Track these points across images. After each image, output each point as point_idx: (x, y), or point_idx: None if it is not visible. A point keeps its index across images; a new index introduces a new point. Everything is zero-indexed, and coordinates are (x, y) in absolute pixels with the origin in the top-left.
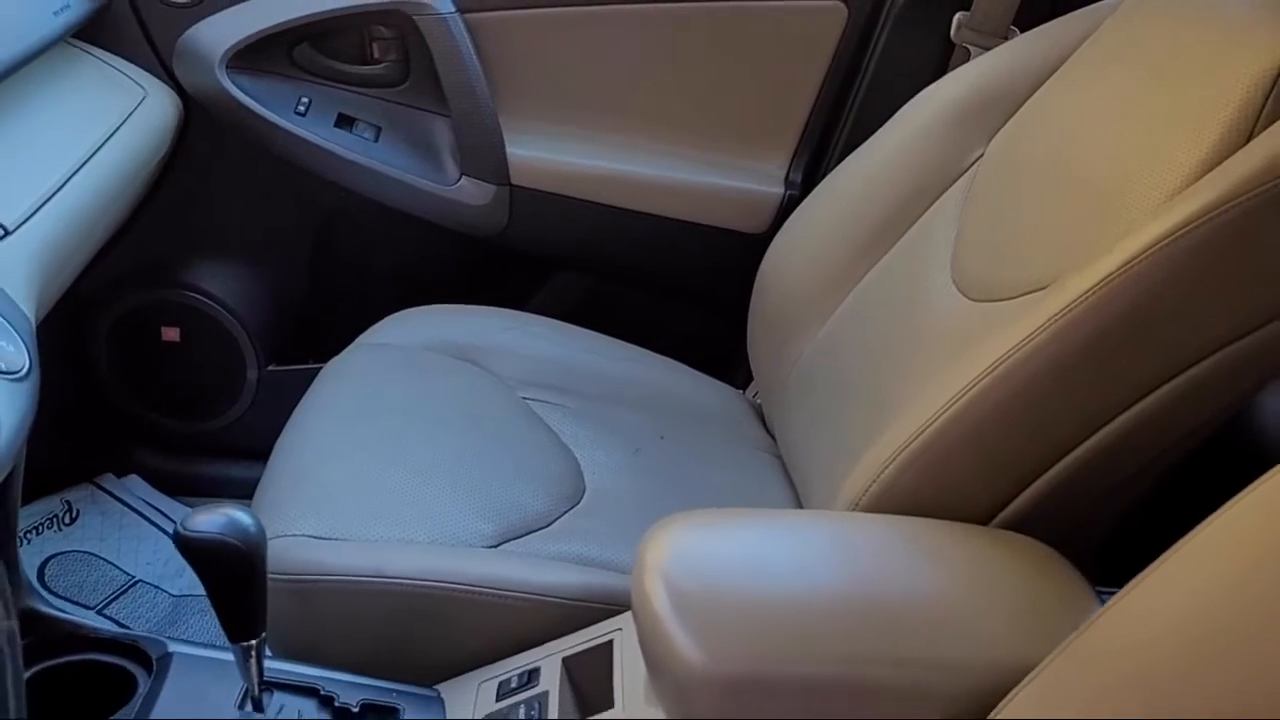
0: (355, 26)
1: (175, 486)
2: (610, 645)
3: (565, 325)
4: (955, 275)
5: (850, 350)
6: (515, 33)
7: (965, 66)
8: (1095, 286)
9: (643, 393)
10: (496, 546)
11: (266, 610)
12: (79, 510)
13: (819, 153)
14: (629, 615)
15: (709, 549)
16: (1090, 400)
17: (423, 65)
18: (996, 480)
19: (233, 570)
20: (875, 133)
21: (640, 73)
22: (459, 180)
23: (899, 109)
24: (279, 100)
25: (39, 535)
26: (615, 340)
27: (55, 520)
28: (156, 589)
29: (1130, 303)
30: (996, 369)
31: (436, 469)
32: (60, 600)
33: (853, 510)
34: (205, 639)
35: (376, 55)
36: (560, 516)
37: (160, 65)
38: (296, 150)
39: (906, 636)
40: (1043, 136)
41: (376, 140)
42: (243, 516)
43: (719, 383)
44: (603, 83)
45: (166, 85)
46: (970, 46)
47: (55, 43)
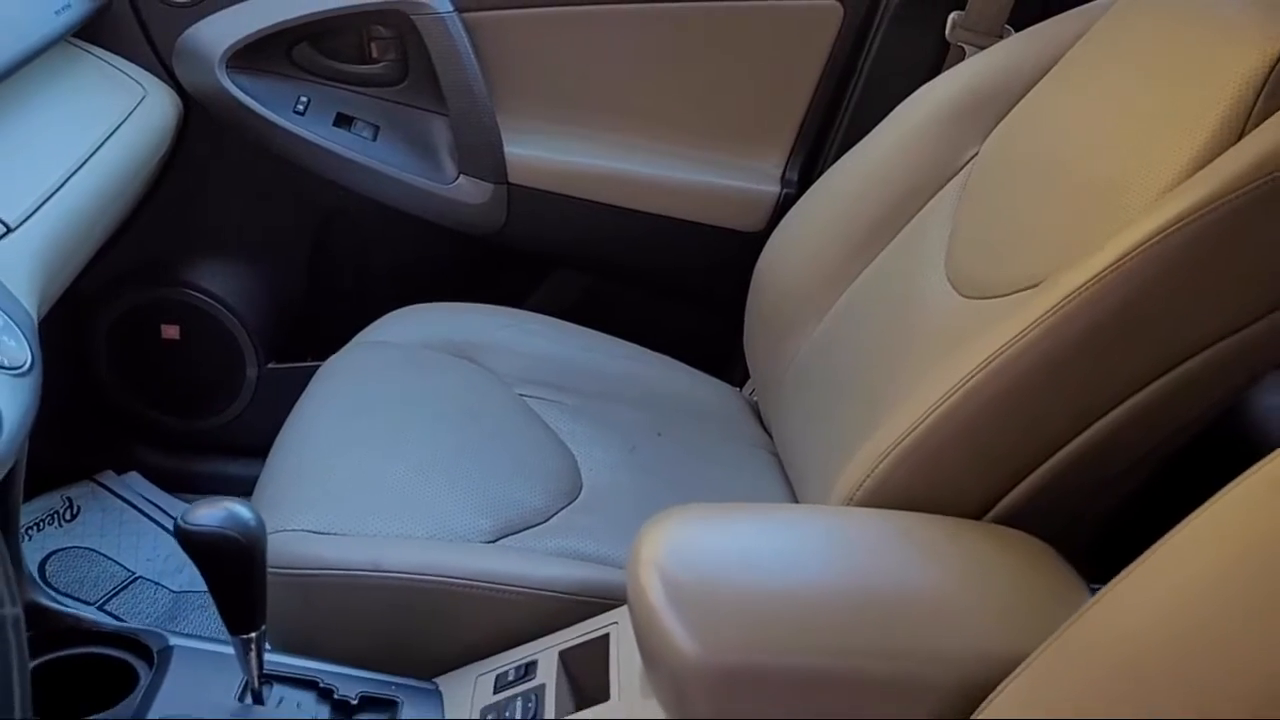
0: (354, 26)
1: (175, 483)
2: (606, 638)
3: (563, 323)
4: (950, 273)
5: (845, 347)
6: (513, 32)
7: (960, 66)
8: (1087, 283)
9: (640, 390)
10: (494, 542)
11: (266, 603)
12: (80, 507)
13: (815, 151)
14: (625, 609)
15: (704, 542)
16: (1082, 396)
17: (421, 64)
18: (989, 475)
19: (233, 563)
20: (871, 131)
21: (637, 72)
22: (457, 179)
23: (894, 108)
24: (278, 99)
25: (40, 531)
26: (612, 338)
27: (56, 517)
28: (157, 585)
29: (1122, 299)
30: (989, 365)
31: (435, 465)
32: (61, 596)
33: (847, 505)
34: (205, 635)
35: (375, 55)
36: (557, 513)
37: (160, 64)
38: (295, 149)
39: (899, 629)
40: (1036, 135)
41: (375, 139)
42: (243, 510)
43: (716, 380)
44: (600, 82)
45: (166, 84)
46: (965, 46)
47: (56, 42)
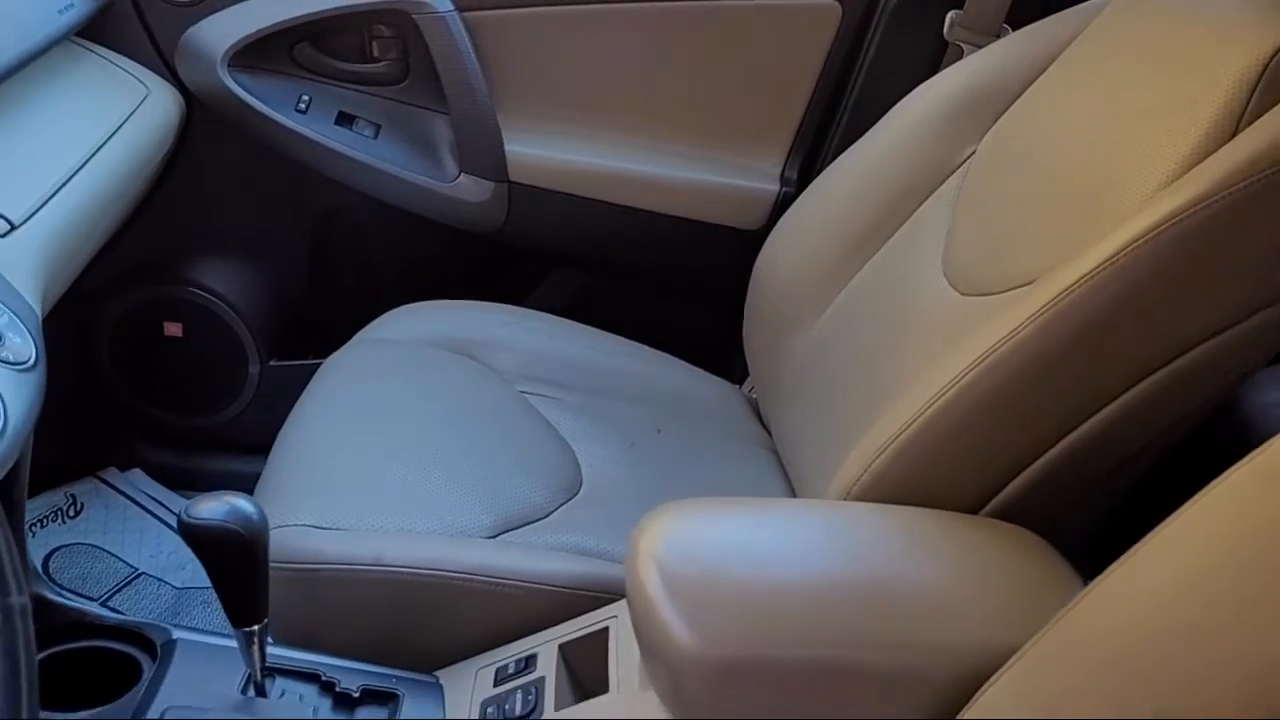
0: (355, 25)
1: (178, 480)
2: (606, 632)
3: (563, 320)
4: (947, 270)
5: (844, 344)
6: (513, 31)
7: (958, 64)
8: (1080, 280)
9: (640, 387)
10: (495, 537)
11: (268, 597)
12: (83, 504)
13: (814, 150)
14: (624, 603)
15: (702, 536)
16: (1076, 392)
17: (422, 63)
18: (985, 470)
19: (235, 557)
20: (869, 130)
21: (637, 71)
22: (458, 177)
23: (893, 107)
24: (280, 98)
25: (44, 528)
26: (612, 335)
27: (60, 513)
28: (160, 581)
29: (1115, 296)
30: (984, 361)
31: (436, 461)
32: (65, 592)
33: (844, 500)
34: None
35: (376, 54)
36: (557, 508)
37: (163, 63)
38: (297, 148)
39: (896, 621)
40: (1033, 133)
41: (376, 138)
42: (245, 504)
43: (715, 378)
44: (600, 81)
45: (169, 83)
46: (963, 45)
47: (59, 41)
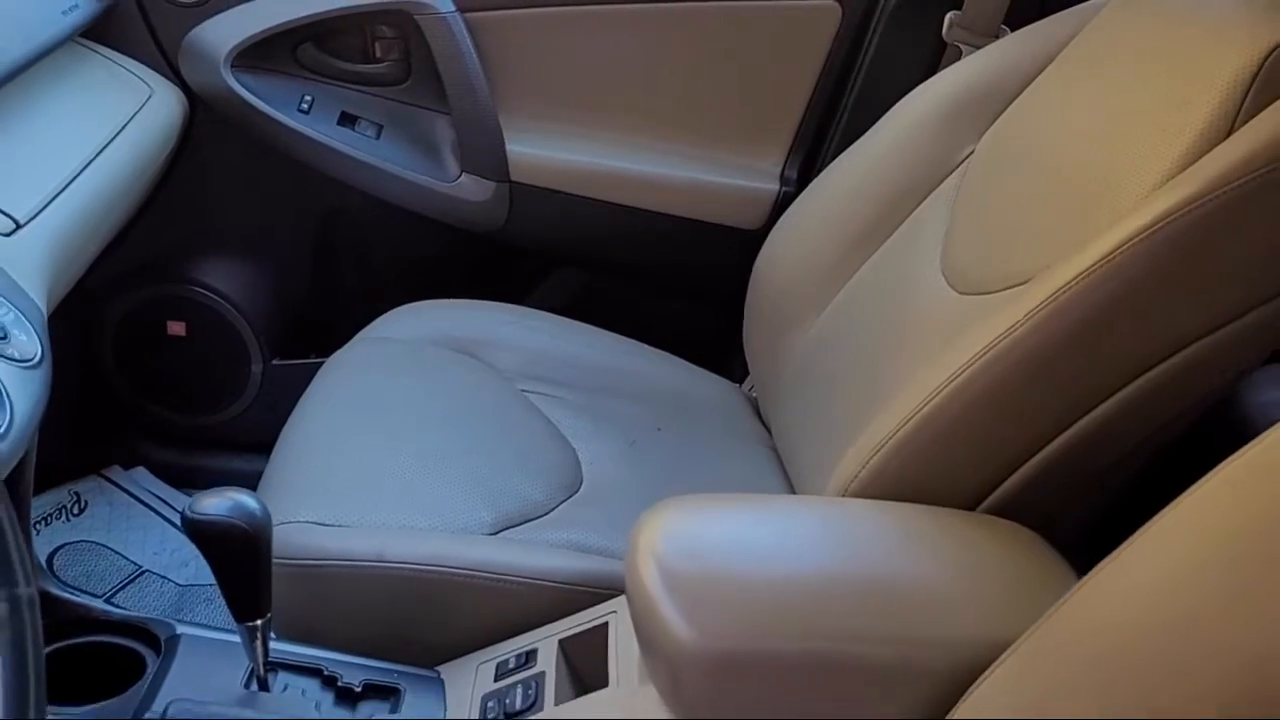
0: (357, 26)
1: (181, 478)
2: (605, 627)
3: (564, 319)
4: (945, 269)
5: (843, 343)
6: (515, 32)
7: (957, 65)
8: (1077, 278)
9: (640, 386)
10: (495, 534)
11: (271, 591)
12: (87, 501)
13: (814, 150)
14: (624, 599)
15: (701, 531)
16: (1072, 389)
17: (424, 64)
18: (982, 467)
19: (239, 552)
20: (869, 130)
21: (638, 71)
22: (459, 177)
23: (892, 107)
24: (283, 98)
25: (48, 526)
26: (613, 334)
27: (64, 511)
28: (163, 579)
29: (1110, 294)
30: (980, 359)
31: (437, 459)
32: (69, 589)
33: (842, 496)
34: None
35: (378, 54)
36: (558, 506)
37: (166, 64)
38: (300, 148)
39: (893, 615)
40: (1031, 133)
41: (378, 138)
42: (248, 500)
43: (715, 376)
44: (601, 81)
45: (172, 83)
46: (962, 45)
47: (64, 42)
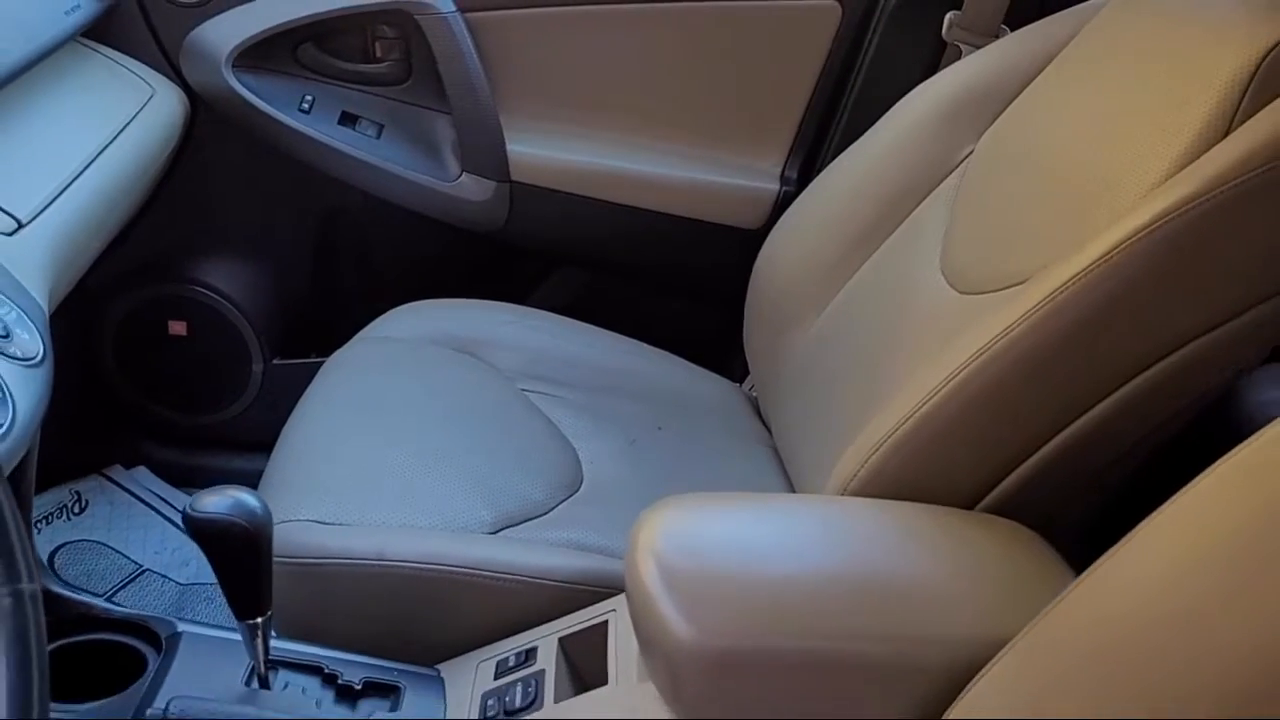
0: (358, 26)
1: (182, 478)
2: (605, 625)
3: (564, 319)
4: (945, 269)
5: (843, 342)
6: (515, 31)
7: (956, 65)
8: (1073, 278)
9: (640, 385)
10: (495, 533)
11: (272, 589)
12: (88, 501)
13: (814, 150)
14: (623, 597)
15: (700, 530)
16: (1069, 389)
17: (424, 64)
18: (980, 466)
19: (240, 550)
20: (869, 130)
21: (638, 71)
22: (460, 176)
23: (892, 106)
24: (284, 98)
25: (49, 525)
26: (613, 334)
27: (65, 510)
28: (164, 578)
29: (1108, 293)
30: (978, 358)
31: (437, 458)
32: (70, 588)
33: (841, 495)
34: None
35: (379, 54)
36: (558, 505)
37: (168, 64)
38: (301, 147)
39: (891, 613)
40: (1030, 133)
41: (379, 137)
42: (249, 498)
43: (715, 376)
44: (601, 81)
45: (174, 83)
46: (961, 45)
47: (66, 42)
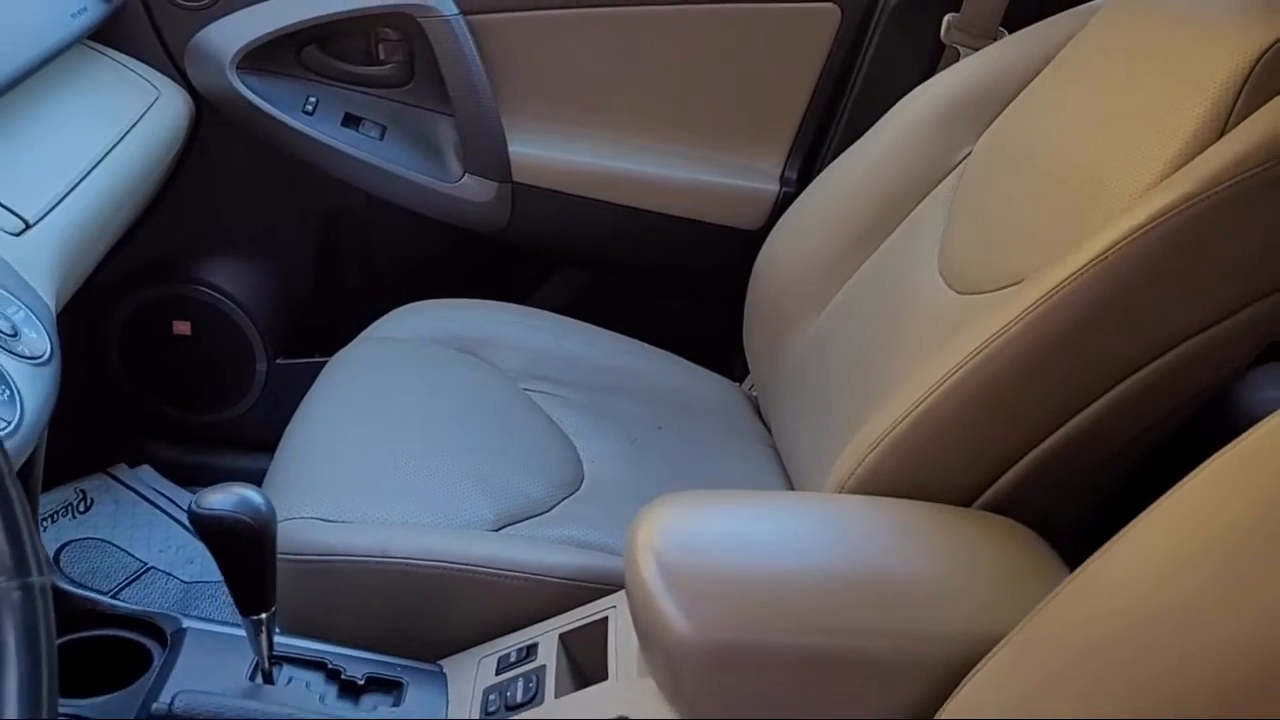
0: (361, 28)
1: (186, 476)
2: (605, 622)
3: (565, 319)
4: (943, 269)
5: (842, 342)
6: (517, 34)
7: (955, 66)
8: (1069, 278)
9: (641, 385)
10: (497, 530)
11: (276, 585)
12: (93, 499)
13: (813, 151)
14: (623, 594)
15: (699, 526)
16: (1065, 388)
17: (427, 66)
18: (976, 464)
19: (244, 546)
20: (868, 131)
21: (639, 73)
22: (462, 178)
23: (891, 108)
24: (287, 100)
25: (54, 523)
26: (614, 334)
27: (70, 508)
28: (168, 575)
29: (1103, 293)
30: (975, 358)
31: (440, 456)
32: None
33: (839, 492)
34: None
35: (382, 56)
36: (559, 503)
37: (173, 66)
38: (304, 149)
39: (889, 609)
40: (1027, 134)
41: (382, 139)
42: (253, 495)
43: (716, 375)
44: (602, 83)
45: (179, 85)
46: (960, 47)
47: (72, 45)
